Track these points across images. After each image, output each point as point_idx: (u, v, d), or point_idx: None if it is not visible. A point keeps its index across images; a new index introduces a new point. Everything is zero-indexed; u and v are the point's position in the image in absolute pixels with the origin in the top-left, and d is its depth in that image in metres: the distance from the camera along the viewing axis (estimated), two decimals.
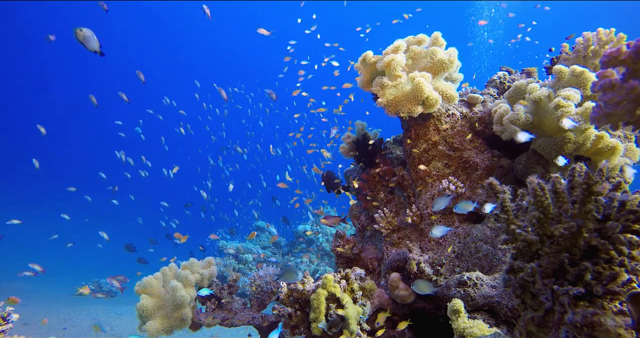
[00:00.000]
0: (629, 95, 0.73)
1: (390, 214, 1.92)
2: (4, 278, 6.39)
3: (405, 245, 1.80)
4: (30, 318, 4.38)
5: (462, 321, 1.04)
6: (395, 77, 1.64)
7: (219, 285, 2.12)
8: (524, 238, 0.78)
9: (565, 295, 0.70)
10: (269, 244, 6.93)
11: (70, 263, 9.26)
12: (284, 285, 1.50)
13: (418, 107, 1.66)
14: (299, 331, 1.43)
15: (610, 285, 0.68)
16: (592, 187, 0.70)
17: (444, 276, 1.55)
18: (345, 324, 1.31)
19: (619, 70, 0.76)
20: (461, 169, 1.80)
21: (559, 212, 0.75)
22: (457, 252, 1.68)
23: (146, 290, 1.93)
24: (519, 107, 1.55)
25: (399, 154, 2.08)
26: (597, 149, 1.42)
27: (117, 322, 4.77)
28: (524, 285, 0.79)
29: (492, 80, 2.05)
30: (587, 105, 1.40)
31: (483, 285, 1.34)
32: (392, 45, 1.71)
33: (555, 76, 1.58)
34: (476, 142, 1.81)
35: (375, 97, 1.76)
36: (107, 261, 10.29)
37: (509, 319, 1.27)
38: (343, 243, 1.99)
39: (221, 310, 2.06)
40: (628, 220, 0.68)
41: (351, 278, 1.47)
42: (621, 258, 0.69)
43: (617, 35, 1.72)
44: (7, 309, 1.42)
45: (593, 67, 1.76)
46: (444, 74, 1.75)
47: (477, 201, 1.58)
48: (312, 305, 1.35)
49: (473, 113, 1.84)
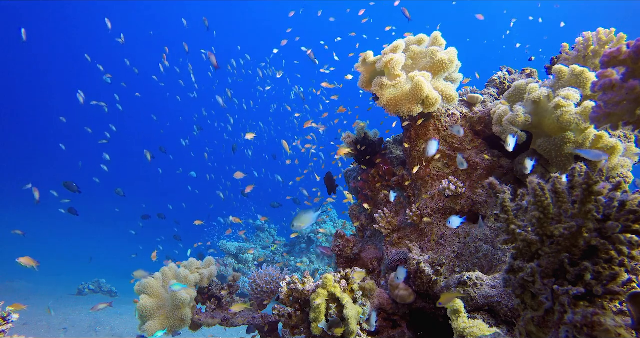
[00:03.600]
0: (629, 95, 0.73)
1: (390, 214, 1.92)
2: (4, 278, 6.38)
3: (405, 245, 1.80)
4: (30, 318, 4.38)
5: (462, 321, 1.04)
6: (395, 77, 1.64)
7: (219, 285, 2.12)
8: (524, 238, 0.78)
9: (565, 295, 0.70)
10: (269, 244, 6.93)
11: (70, 263, 9.26)
12: (284, 285, 1.50)
13: (418, 106, 1.66)
14: (299, 331, 1.43)
15: (610, 285, 0.68)
16: (592, 187, 0.70)
17: (444, 276, 1.55)
18: (345, 324, 1.31)
19: (619, 70, 0.76)
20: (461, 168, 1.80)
21: (559, 212, 0.75)
22: (457, 252, 1.68)
23: (146, 290, 1.92)
24: (519, 107, 1.55)
25: (399, 154, 2.08)
26: (597, 148, 1.42)
27: (117, 322, 4.77)
28: (524, 285, 0.79)
29: (492, 80, 2.05)
30: (587, 105, 1.40)
31: (483, 285, 1.34)
32: (392, 45, 1.71)
33: (555, 76, 1.58)
34: (476, 142, 1.81)
35: (375, 97, 1.76)
36: (108, 261, 10.30)
37: (509, 319, 1.27)
38: (343, 243, 1.99)
39: (221, 310, 2.06)
40: (628, 220, 0.68)
41: (351, 278, 1.47)
42: (621, 258, 0.69)
43: (617, 35, 1.72)
44: (7, 309, 1.42)
45: (593, 67, 1.76)
46: (443, 74, 1.75)
47: (465, 217, 1.59)
48: (312, 305, 1.35)
49: (473, 113, 1.84)
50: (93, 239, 12.43)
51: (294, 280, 1.49)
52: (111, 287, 6.92)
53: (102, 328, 4.48)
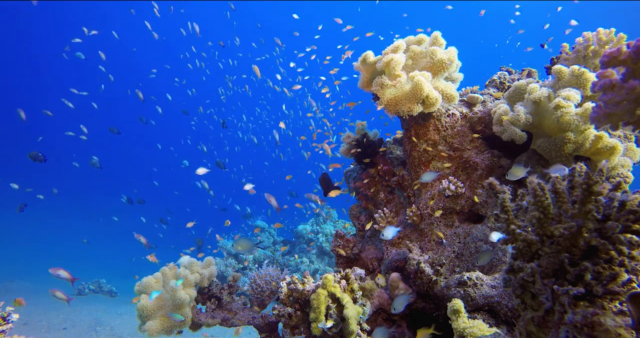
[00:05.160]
0: (629, 95, 0.73)
1: (390, 214, 1.92)
2: (3, 278, 6.38)
3: (405, 245, 1.80)
4: (30, 318, 4.38)
5: (462, 321, 1.04)
6: (395, 77, 1.64)
7: (219, 285, 2.12)
8: (524, 238, 0.78)
9: (565, 295, 0.70)
10: (270, 244, 6.93)
11: (70, 263, 9.26)
12: (284, 285, 1.50)
13: (418, 106, 1.66)
14: (299, 331, 1.43)
15: (610, 285, 0.68)
16: (592, 187, 0.70)
17: (444, 276, 1.55)
18: (345, 324, 1.31)
19: (619, 70, 0.76)
20: (461, 169, 1.80)
21: (559, 212, 0.75)
22: (457, 252, 1.68)
23: (146, 290, 1.92)
24: (519, 107, 1.55)
25: (399, 154, 2.08)
26: (597, 148, 1.42)
27: (117, 322, 4.77)
28: (524, 285, 0.79)
29: (492, 80, 2.05)
30: (587, 106, 1.40)
31: (483, 285, 1.34)
32: (392, 45, 1.71)
33: (555, 76, 1.58)
34: (476, 142, 1.81)
35: (375, 97, 1.76)
36: (108, 261, 10.29)
37: (509, 319, 1.27)
38: (343, 243, 1.99)
39: (221, 310, 2.06)
40: (628, 220, 0.68)
41: (351, 278, 1.47)
42: (621, 258, 0.69)
43: (617, 35, 1.72)
44: (7, 309, 1.42)
45: (593, 67, 1.76)
46: (444, 74, 1.75)
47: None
48: (312, 305, 1.35)
49: (473, 113, 1.84)
50: (93, 239, 12.43)
51: (294, 280, 1.49)
52: (111, 287, 6.92)
53: (102, 328, 4.48)
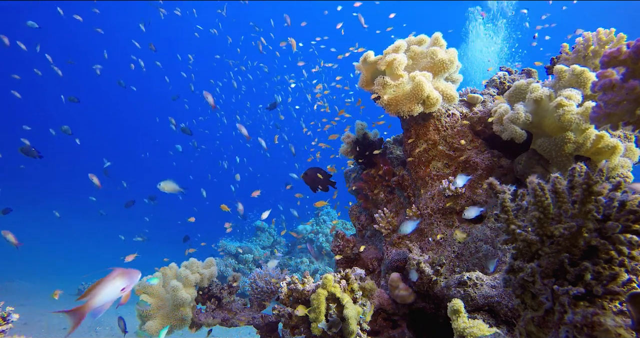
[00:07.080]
0: (629, 95, 0.73)
1: (391, 214, 1.92)
2: (3, 278, 6.38)
3: (405, 245, 1.80)
4: (30, 318, 4.38)
5: (462, 321, 1.04)
6: (397, 77, 1.64)
7: (219, 285, 2.12)
8: (524, 238, 0.78)
9: (565, 295, 0.70)
10: (270, 244, 6.93)
11: (70, 263, 9.26)
12: (284, 285, 1.50)
13: (418, 106, 1.66)
14: (299, 331, 1.42)
15: (610, 285, 0.68)
16: (592, 187, 0.70)
17: (444, 276, 1.55)
18: (345, 324, 1.31)
19: (619, 70, 0.76)
20: (461, 169, 1.80)
21: (559, 212, 0.75)
22: (457, 252, 1.68)
23: (146, 290, 1.93)
24: (519, 106, 1.55)
25: (399, 154, 2.08)
26: (597, 148, 1.42)
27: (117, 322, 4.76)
28: (524, 285, 0.79)
29: (492, 80, 2.05)
30: (588, 105, 1.40)
31: (483, 285, 1.34)
32: (393, 44, 1.71)
33: (555, 76, 1.58)
34: (476, 142, 1.81)
35: (376, 96, 1.76)
36: (108, 261, 10.29)
37: (509, 319, 1.27)
38: (343, 243, 1.99)
39: (221, 310, 2.06)
40: (628, 220, 0.68)
41: (351, 278, 1.47)
42: (621, 258, 0.69)
43: (617, 35, 1.72)
44: (7, 309, 1.42)
45: (593, 67, 1.76)
46: (444, 74, 1.75)
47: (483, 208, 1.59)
48: (312, 305, 1.35)
49: (473, 113, 1.84)
50: (94, 239, 12.43)
51: (294, 280, 1.49)
52: None
53: (102, 328, 4.48)
